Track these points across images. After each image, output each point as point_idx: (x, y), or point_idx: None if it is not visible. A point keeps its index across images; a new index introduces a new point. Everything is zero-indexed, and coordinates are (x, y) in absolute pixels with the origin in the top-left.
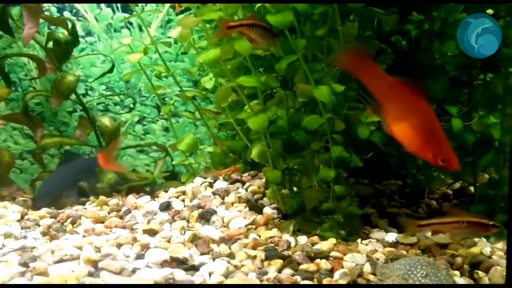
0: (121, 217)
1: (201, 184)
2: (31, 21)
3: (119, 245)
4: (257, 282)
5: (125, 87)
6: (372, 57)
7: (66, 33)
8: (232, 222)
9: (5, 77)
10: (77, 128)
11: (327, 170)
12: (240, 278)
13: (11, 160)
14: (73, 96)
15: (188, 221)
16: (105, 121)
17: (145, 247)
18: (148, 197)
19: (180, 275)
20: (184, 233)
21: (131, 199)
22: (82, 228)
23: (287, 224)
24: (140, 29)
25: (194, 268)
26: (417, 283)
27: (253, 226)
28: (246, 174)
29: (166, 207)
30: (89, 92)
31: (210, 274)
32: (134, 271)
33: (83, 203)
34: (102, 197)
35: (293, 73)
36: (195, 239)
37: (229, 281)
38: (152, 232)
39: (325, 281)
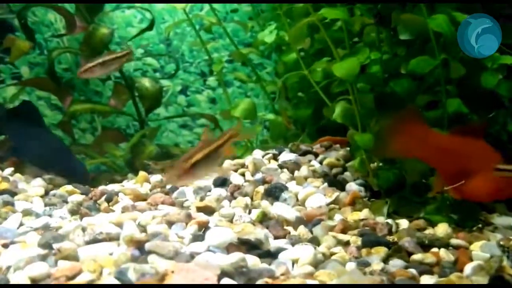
0: (167, 194)
1: (263, 157)
2: None
3: (169, 223)
4: (360, 273)
5: (166, 51)
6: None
7: None
8: (309, 200)
9: (26, 30)
10: (112, 96)
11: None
12: (335, 269)
13: None
14: None
15: (251, 198)
16: (145, 82)
17: (203, 226)
18: None
19: (254, 263)
20: (250, 212)
21: None
22: (120, 206)
23: (381, 203)
24: None
25: (270, 255)
26: None
27: (336, 206)
28: (317, 145)
29: (222, 182)
30: None
31: (293, 263)
32: (192, 256)
33: (119, 181)
34: (142, 173)
35: (392, 5)
36: (265, 220)
37: (320, 272)
38: (208, 210)
39: (453, 277)
